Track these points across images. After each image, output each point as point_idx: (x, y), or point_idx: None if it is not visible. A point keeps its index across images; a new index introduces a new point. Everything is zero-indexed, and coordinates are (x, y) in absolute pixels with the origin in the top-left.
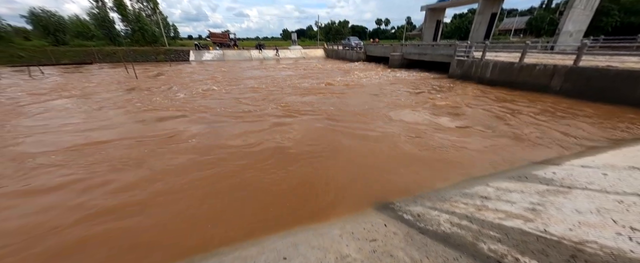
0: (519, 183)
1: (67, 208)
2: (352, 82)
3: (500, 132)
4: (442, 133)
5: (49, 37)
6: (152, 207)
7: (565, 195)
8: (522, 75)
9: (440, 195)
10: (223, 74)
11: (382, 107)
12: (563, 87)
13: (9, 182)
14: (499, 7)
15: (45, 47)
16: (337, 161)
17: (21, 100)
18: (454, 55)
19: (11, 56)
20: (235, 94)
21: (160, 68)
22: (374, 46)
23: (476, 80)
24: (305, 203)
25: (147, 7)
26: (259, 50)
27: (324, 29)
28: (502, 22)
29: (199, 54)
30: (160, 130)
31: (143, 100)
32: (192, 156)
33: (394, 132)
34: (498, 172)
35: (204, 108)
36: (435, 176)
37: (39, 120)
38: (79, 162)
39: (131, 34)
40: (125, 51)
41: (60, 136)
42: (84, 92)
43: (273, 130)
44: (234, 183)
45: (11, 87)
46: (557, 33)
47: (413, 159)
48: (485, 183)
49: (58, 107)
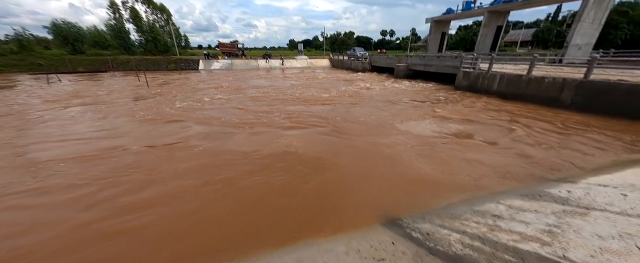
0: (533, 202)
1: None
2: (358, 93)
3: (510, 146)
4: (451, 146)
5: (68, 46)
6: (150, 223)
7: (584, 217)
8: (531, 88)
9: (449, 212)
10: (230, 83)
11: (389, 119)
12: (574, 100)
13: (19, 187)
14: (505, 20)
15: (64, 56)
16: (343, 174)
17: (35, 107)
18: (461, 67)
19: (32, 64)
20: (240, 103)
21: (170, 77)
22: (380, 57)
23: (483, 92)
24: (310, 217)
25: (161, 18)
26: (266, 60)
27: (330, 39)
28: (508, 35)
29: (208, 64)
30: (166, 139)
31: (152, 109)
32: (196, 167)
33: (401, 144)
34: (509, 189)
35: (209, 117)
36: (444, 191)
37: (50, 128)
38: (87, 170)
39: (145, 44)
40: (138, 60)
41: (70, 144)
42: (97, 100)
43: (278, 142)
44: (237, 196)
45: (28, 94)
46: (566, 46)
47: (421, 173)
48: (497, 200)
49: (69, 115)
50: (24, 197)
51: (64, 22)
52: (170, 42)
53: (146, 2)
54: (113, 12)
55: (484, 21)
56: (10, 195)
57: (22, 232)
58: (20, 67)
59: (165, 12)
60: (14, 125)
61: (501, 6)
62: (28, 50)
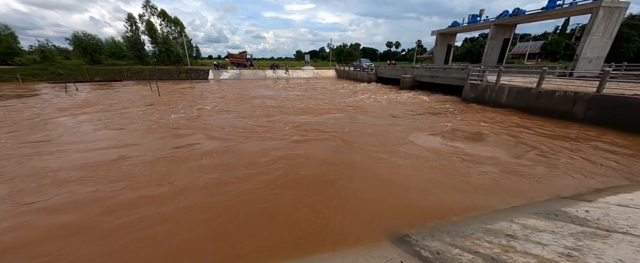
0: (548, 221)
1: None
2: (364, 103)
3: (522, 161)
4: (460, 159)
5: (87, 56)
6: (153, 235)
7: (605, 240)
8: (541, 100)
9: (459, 229)
10: (237, 93)
11: (396, 131)
12: (587, 114)
13: (31, 197)
14: (512, 33)
15: (82, 66)
16: (350, 187)
17: (51, 115)
18: (467, 78)
19: (52, 73)
20: (247, 113)
21: (181, 86)
22: (385, 68)
23: (491, 104)
24: (316, 231)
25: (174, 30)
26: (273, 70)
27: (336, 50)
28: (515, 46)
29: (217, 73)
30: (172, 150)
31: (159, 118)
32: (203, 179)
33: (408, 157)
34: (523, 206)
35: (215, 127)
36: (453, 207)
37: (63, 135)
38: (95, 178)
39: (158, 54)
40: (151, 70)
41: (80, 152)
42: (108, 108)
43: (283, 154)
44: (243, 209)
45: (45, 101)
46: (575, 59)
47: (429, 187)
48: (510, 218)
49: (81, 123)
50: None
51: (84, 33)
52: (182, 52)
53: (161, 15)
54: (130, 25)
55: (490, 34)
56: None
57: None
58: (41, 76)
59: (178, 24)
60: (29, 132)
61: (507, 19)
62: (49, 60)
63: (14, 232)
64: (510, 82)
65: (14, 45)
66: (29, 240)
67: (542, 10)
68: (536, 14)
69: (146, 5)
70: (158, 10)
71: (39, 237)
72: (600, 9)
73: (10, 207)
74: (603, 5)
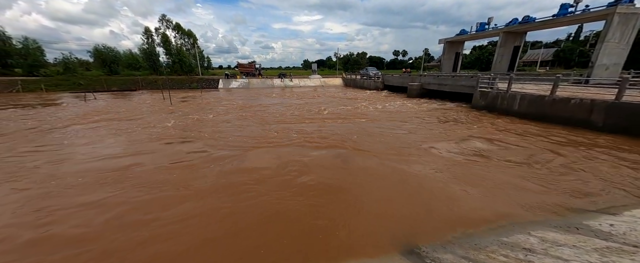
0: (569, 235)
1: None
2: (372, 111)
3: (538, 171)
4: (472, 168)
5: (105, 67)
6: (161, 239)
7: (633, 257)
8: (555, 108)
9: (473, 241)
10: (245, 101)
11: (406, 138)
12: (606, 122)
13: (58, 201)
14: (522, 40)
15: (101, 76)
16: (360, 196)
17: (69, 122)
18: (477, 86)
19: (73, 84)
20: (254, 120)
21: (192, 94)
22: (392, 76)
23: (503, 112)
24: (325, 241)
25: (187, 42)
26: (281, 79)
27: (343, 59)
28: (526, 54)
29: (227, 82)
30: (181, 157)
31: (170, 125)
32: (211, 187)
33: (419, 165)
34: (540, 219)
35: (224, 135)
36: (466, 217)
37: (77, 143)
38: (107, 185)
39: (171, 65)
40: (165, 80)
41: (95, 159)
42: (122, 116)
43: (292, 161)
44: (251, 218)
45: (65, 109)
46: (591, 66)
47: (441, 196)
48: (527, 231)
49: (97, 130)
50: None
51: (103, 46)
52: (194, 63)
53: (176, 28)
54: (147, 37)
55: (500, 41)
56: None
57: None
58: (63, 86)
59: (191, 36)
60: (48, 138)
61: (517, 27)
62: (71, 71)
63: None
64: (522, 89)
65: (40, 58)
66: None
67: (553, 17)
68: (547, 21)
69: (162, 19)
70: (173, 24)
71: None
72: (615, 15)
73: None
74: (618, 11)
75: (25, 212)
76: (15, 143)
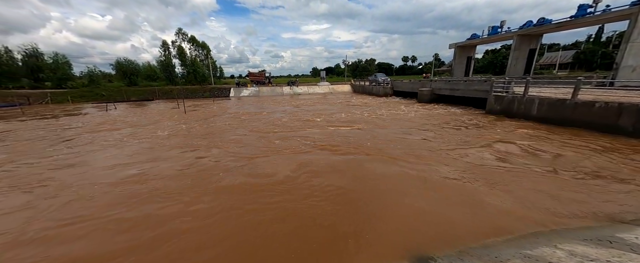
0: (601, 248)
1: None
2: (382, 117)
3: (565, 177)
4: (490, 175)
5: (126, 79)
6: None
7: None
8: (578, 113)
9: (492, 253)
10: (255, 109)
11: (420, 144)
12: (637, 127)
13: (80, 210)
14: (538, 43)
15: (121, 88)
16: (371, 203)
17: (91, 127)
18: (491, 90)
19: (96, 95)
20: (264, 127)
21: (204, 102)
22: (402, 81)
23: (520, 117)
24: (335, 250)
25: (201, 53)
26: (290, 87)
27: (351, 66)
28: (542, 57)
29: (238, 91)
30: (194, 162)
31: (184, 133)
32: (223, 194)
33: (434, 171)
34: (568, 229)
35: (235, 142)
36: (484, 227)
37: (99, 151)
38: (120, 193)
39: (186, 75)
40: (179, 89)
41: (113, 167)
42: (140, 123)
43: (302, 167)
44: (261, 223)
45: (88, 118)
46: (616, 68)
47: (460, 204)
48: (553, 243)
49: (115, 137)
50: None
51: (125, 59)
52: (207, 73)
53: (191, 40)
54: (164, 50)
55: (514, 44)
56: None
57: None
58: (87, 98)
59: (205, 48)
60: (70, 144)
61: (532, 29)
62: (95, 83)
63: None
64: (540, 93)
65: (68, 71)
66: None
67: (571, 18)
68: (564, 23)
69: (178, 33)
70: (188, 36)
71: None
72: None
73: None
74: None
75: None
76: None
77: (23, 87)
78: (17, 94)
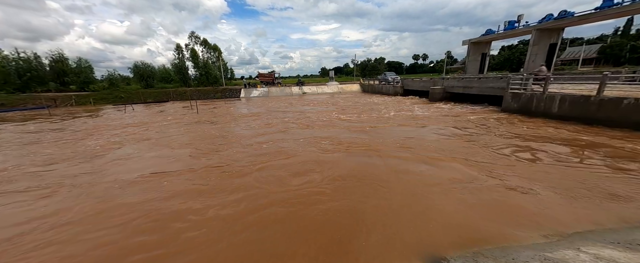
0: (630, 253)
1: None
2: (394, 116)
3: (589, 178)
4: (511, 174)
5: (142, 82)
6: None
7: None
8: (604, 110)
9: (510, 255)
10: (265, 109)
11: (434, 143)
12: None
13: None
14: (559, 37)
15: (138, 90)
16: (385, 204)
17: (112, 126)
18: (507, 88)
19: (115, 97)
20: (274, 128)
21: (216, 103)
22: (412, 80)
23: (539, 115)
24: (348, 252)
25: (213, 55)
26: (299, 87)
27: (360, 65)
28: (564, 52)
29: (247, 92)
30: (211, 163)
31: (198, 133)
32: (238, 195)
33: (450, 171)
34: (593, 232)
35: (244, 143)
36: (501, 227)
37: (119, 150)
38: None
39: (198, 77)
40: (192, 91)
41: (133, 166)
42: (154, 121)
43: (315, 168)
44: (273, 226)
45: (108, 118)
46: None
47: (476, 204)
48: (577, 246)
49: (135, 138)
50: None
51: (141, 63)
52: (219, 74)
53: (203, 43)
54: (177, 53)
55: (532, 39)
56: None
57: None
58: (107, 100)
59: (216, 50)
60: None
61: (552, 23)
62: (115, 86)
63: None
64: (561, 90)
65: (90, 75)
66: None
67: (595, 10)
68: (588, 15)
69: (191, 36)
70: (201, 39)
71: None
72: None
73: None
74: None
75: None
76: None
77: (50, 90)
78: (45, 97)
